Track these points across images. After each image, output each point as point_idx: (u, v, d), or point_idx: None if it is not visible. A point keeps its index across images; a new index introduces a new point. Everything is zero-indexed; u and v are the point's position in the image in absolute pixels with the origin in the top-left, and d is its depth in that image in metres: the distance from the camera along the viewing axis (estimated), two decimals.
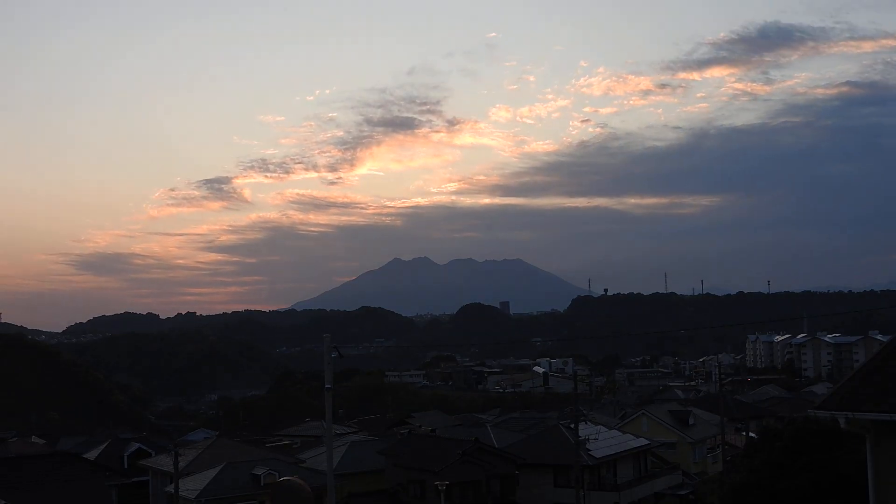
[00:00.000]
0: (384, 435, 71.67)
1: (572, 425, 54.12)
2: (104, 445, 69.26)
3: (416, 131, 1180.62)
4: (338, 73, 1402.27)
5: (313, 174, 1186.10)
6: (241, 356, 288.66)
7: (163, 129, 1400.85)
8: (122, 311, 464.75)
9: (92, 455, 65.21)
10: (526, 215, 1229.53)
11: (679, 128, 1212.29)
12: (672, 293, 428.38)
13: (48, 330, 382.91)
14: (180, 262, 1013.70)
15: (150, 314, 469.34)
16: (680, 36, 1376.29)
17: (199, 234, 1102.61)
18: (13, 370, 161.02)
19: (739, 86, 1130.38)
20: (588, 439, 54.73)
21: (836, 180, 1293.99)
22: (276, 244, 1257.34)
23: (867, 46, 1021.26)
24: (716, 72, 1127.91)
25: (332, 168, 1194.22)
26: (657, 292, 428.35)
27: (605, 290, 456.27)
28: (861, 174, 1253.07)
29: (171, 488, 49.79)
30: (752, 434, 58.64)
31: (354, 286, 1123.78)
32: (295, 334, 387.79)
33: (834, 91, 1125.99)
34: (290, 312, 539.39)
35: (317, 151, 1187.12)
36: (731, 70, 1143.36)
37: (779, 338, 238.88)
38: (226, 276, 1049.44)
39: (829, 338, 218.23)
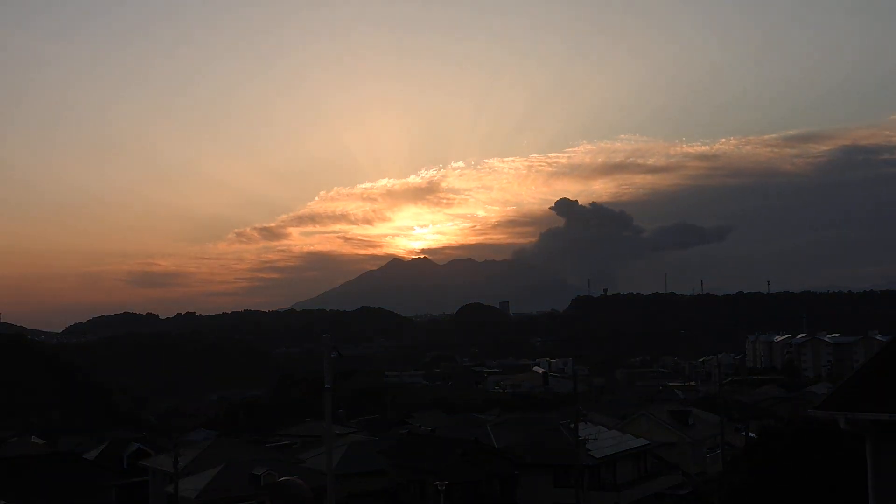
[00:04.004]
0: (384, 435, 71.54)
1: (572, 425, 54.19)
2: (104, 445, 69.33)
3: (425, 204, 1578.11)
4: (379, 172, 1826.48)
5: (351, 225, 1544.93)
6: (241, 356, 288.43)
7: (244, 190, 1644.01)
8: (122, 312, 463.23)
9: (92, 455, 65.29)
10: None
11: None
12: (672, 293, 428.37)
13: (48, 330, 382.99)
14: (210, 277, 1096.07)
15: (149, 314, 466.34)
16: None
17: (239, 258, 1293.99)
18: (13, 370, 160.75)
19: None
20: (588, 439, 54.81)
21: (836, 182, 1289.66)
22: (297, 265, 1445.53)
23: None
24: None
25: (366, 221, 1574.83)
26: (657, 292, 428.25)
27: (605, 290, 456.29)
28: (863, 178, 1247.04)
29: (170, 488, 49.81)
30: (752, 434, 58.64)
31: (354, 286, 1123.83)
32: (295, 334, 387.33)
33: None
34: (289, 312, 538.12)
35: (352, 214, 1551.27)
36: None
37: (778, 338, 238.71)
38: (245, 288, 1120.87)
39: (828, 338, 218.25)
